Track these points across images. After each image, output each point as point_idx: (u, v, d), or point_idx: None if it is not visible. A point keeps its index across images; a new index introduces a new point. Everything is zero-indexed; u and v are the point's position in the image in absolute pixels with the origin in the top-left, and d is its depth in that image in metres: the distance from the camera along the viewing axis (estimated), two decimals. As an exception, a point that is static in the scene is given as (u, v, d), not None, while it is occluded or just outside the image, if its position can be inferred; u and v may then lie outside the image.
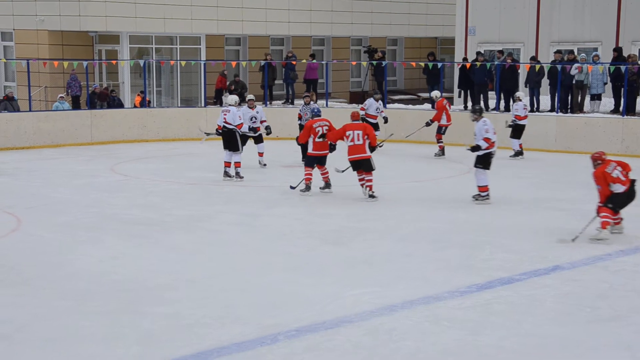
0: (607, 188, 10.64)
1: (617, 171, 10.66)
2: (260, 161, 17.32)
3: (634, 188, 10.73)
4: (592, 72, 20.79)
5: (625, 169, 10.75)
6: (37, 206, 12.96)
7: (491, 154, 13.16)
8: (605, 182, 10.63)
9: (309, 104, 17.66)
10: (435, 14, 34.22)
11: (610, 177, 10.62)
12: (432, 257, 9.90)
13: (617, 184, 10.62)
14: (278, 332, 7.14)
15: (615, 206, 10.70)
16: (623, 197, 10.66)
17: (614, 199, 10.64)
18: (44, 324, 7.38)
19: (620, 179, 10.63)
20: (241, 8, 28.75)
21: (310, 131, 13.92)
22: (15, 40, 27.39)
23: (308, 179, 13.92)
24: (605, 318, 7.67)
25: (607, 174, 10.64)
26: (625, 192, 10.66)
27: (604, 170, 10.66)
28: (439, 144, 19.14)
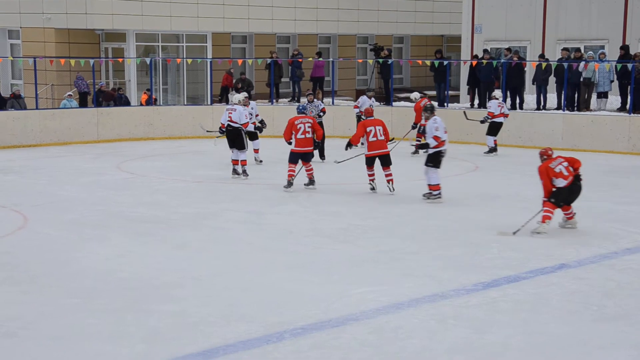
0: (549, 183, 10.87)
1: (561, 166, 10.88)
2: (256, 158, 17.37)
3: (577, 183, 10.92)
4: (599, 70, 20.74)
5: (573, 165, 10.97)
6: (43, 204, 12.98)
7: (441, 152, 13.11)
8: (548, 177, 10.87)
9: (313, 101, 17.68)
10: (441, 12, 34.18)
11: (552, 172, 10.85)
12: (439, 255, 9.89)
13: (560, 178, 10.84)
14: (284, 330, 7.14)
15: (557, 200, 10.87)
16: (565, 191, 10.86)
17: (556, 193, 10.85)
18: (50, 322, 7.39)
19: (562, 174, 10.84)
20: (247, 6, 28.76)
21: (292, 128, 14.06)
22: (22, 38, 27.44)
23: (290, 175, 14.06)
24: (611, 316, 7.66)
25: (550, 169, 10.88)
26: (567, 187, 10.85)
27: (548, 165, 10.91)
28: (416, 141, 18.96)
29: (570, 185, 10.89)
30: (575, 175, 10.94)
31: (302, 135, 14.01)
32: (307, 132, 14.04)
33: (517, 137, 20.66)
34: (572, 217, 11.27)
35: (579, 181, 10.97)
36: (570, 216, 11.26)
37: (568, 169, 10.92)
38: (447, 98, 22.96)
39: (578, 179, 10.96)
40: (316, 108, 17.60)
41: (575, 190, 10.98)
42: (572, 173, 10.91)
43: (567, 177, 10.87)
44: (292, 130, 14.06)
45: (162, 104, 26.08)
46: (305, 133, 14.03)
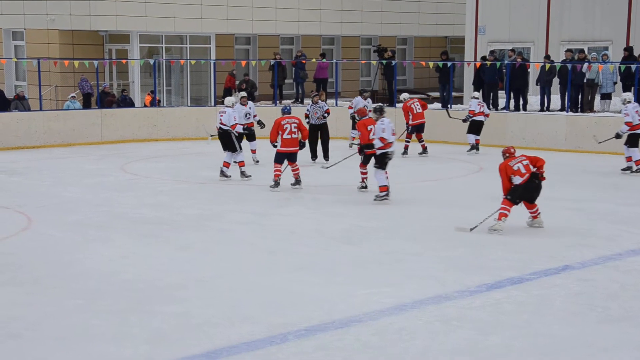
0: (507, 181, 11.02)
1: (519, 164, 11.01)
2: (253, 158, 17.40)
3: (534, 181, 11.02)
4: (603, 71, 20.72)
5: (535, 163, 11.09)
6: (47, 205, 12.99)
7: (387, 154, 13.14)
8: (506, 174, 11.02)
9: (317, 103, 17.70)
10: (445, 13, 34.17)
11: (510, 170, 11.00)
12: (442, 256, 9.88)
13: (517, 176, 10.97)
14: (287, 331, 7.14)
15: (513, 197, 10.99)
16: (519, 189, 10.98)
17: (512, 190, 10.99)
18: (54, 323, 7.40)
19: (520, 172, 10.96)
20: (251, 7, 28.77)
21: (278, 128, 14.12)
22: (26, 40, 27.47)
23: (277, 175, 14.13)
24: (616, 318, 7.65)
25: (508, 167, 11.02)
26: (522, 184, 10.96)
27: (507, 164, 11.06)
28: (405, 142, 19.06)
29: (526, 182, 10.99)
30: (533, 173, 11.05)
31: (288, 136, 14.11)
32: (293, 133, 14.14)
33: (520, 138, 20.62)
34: (537, 217, 11.40)
35: (536, 179, 11.08)
36: (534, 215, 11.39)
37: (527, 167, 11.03)
38: (451, 99, 22.94)
39: (535, 177, 11.08)
40: (320, 109, 17.61)
41: (532, 188, 11.09)
42: (529, 171, 11.03)
43: (524, 174, 10.98)
44: (279, 130, 14.14)
45: (165, 106, 26.11)
46: (292, 133, 14.13)
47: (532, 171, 11.07)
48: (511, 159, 11.14)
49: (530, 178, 11.03)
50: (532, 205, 11.32)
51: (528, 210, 11.37)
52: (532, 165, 11.09)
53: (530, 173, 11.04)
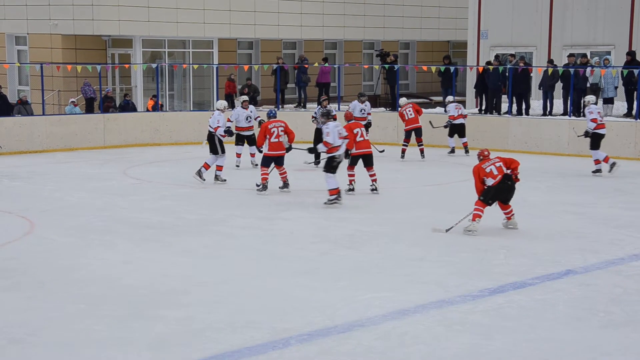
0: (480, 183, 11.22)
1: (492, 166, 11.18)
2: (252, 162, 17.47)
3: (505, 182, 11.16)
4: (605, 76, 20.73)
5: (509, 165, 11.23)
6: (50, 210, 13.00)
7: (334, 158, 13.24)
8: (479, 176, 11.20)
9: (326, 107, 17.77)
10: (447, 18, 34.20)
11: (483, 172, 11.18)
12: (445, 261, 9.88)
13: (489, 178, 11.14)
14: (290, 336, 7.14)
15: (486, 198, 11.17)
16: (492, 190, 11.14)
17: (485, 192, 11.17)
18: (57, 328, 7.40)
19: (492, 173, 11.14)
20: (254, 12, 28.81)
21: (266, 132, 14.22)
22: (29, 45, 27.52)
23: (264, 178, 14.27)
24: (619, 323, 7.64)
25: (481, 169, 11.20)
26: (494, 186, 11.12)
27: (480, 166, 11.24)
28: (402, 146, 19.22)
29: (498, 184, 11.14)
30: (505, 174, 11.16)
31: (275, 139, 14.27)
32: (280, 136, 14.33)
33: (523, 142, 20.65)
34: (511, 218, 11.52)
35: (508, 180, 11.20)
36: (509, 216, 11.52)
37: (500, 168, 11.17)
38: (454, 103, 22.92)
39: (508, 178, 11.19)
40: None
41: (504, 189, 11.22)
42: (502, 172, 11.16)
43: (496, 176, 11.13)
44: (266, 135, 14.24)
45: (168, 110, 26.13)
46: (278, 137, 14.31)
47: (505, 173, 11.20)
48: (485, 162, 11.32)
49: (502, 179, 11.17)
50: (506, 206, 11.45)
51: (502, 211, 11.50)
52: (505, 167, 11.22)
53: (503, 174, 11.18)
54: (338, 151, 13.26)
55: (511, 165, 11.27)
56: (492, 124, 21.45)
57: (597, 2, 24.85)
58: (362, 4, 31.86)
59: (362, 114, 19.73)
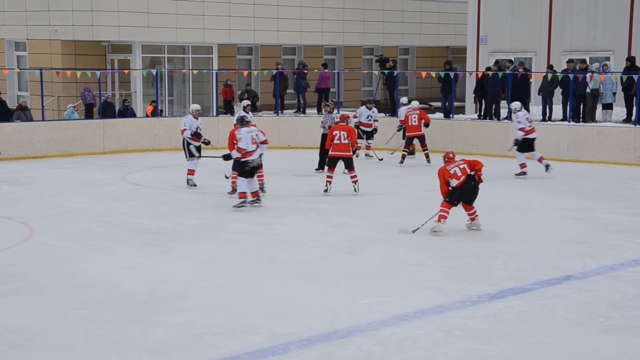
0: (444, 184, 11.49)
1: (456, 168, 11.47)
2: None
3: (469, 182, 11.41)
4: (604, 82, 20.76)
5: (473, 167, 11.50)
6: (49, 215, 13.00)
7: (247, 162, 13.42)
8: (443, 178, 11.49)
9: (332, 112, 17.90)
10: (446, 24, 34.24)
11: (448, 174, 11.46)
12: (444, 266, 9.88)
13: (453, 179, 11.41)
14: (289, 341, 7.14)
15: (450, 199, 11.44)
16: (456, 191, 11.40)
17: (449, 193, 11.45)
18: (56, 333, 7.40)
19: (456, 175, 11.42)
20: (253, 18, 28.84)
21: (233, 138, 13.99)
22: (29, 50, 27.54)
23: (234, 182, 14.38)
24: (618, 328, 7.64)
25: (446, 171, 11.49)
26: (458, 187, 11.39)
27: (445, 168, 11.53)
28: (402, 152, 19.21)
29: (462, 184, 11.39)
30: (468, 175, 11.40)
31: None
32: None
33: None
34: (475, 219, 11.75)
35: (471, 181, 11.45)
36: (472, 217, 11.76)
37: (464, 170, 11.45)
38: (453, 109, 22.95)
39: (471, 179, 11.44)
40: (332, 120, 17.80)
41: (468, 190, 11.47)
42: (465, 173, 11.43)
43: (460, 177, 11.39)
44: (234, 140, 14.15)
45: (167, 115, 26.13)
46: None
47: (468, 174, 11.43)
48: (449, 163, 11.59)
49: (465, 180, 11.40)
50: (470, 207, 11.70)
51: (466, 212, 11.73)
52: (469, 169, 11.48)
53: (466, 175, 11.41)
54: (252, 156, 13.45)
55: (475, 167, 11.54)
56: (492, 129, 21.44)
57: (596, 8, 24.89)
58: (362, 9, 31.90)
59: (368, 120, 19.77)
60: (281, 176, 17.23)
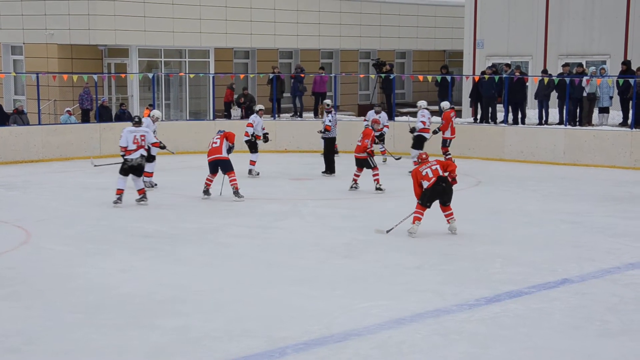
0: (417, 186, 11.65)
1: (428, 169, 11.59)
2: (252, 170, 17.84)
3: (440, 184, 11.52)
4: (601, 85, 20.79)
5: (446, 168, 11.62)
6: (46, 219, 13.00)
7: (126, 161, 13.99)
8: (416, 179, 11.66)
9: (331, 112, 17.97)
10: (443, 27, 34.25)
11: (420, 175, 11.62)
12: (441, 269, 9.89)
13: (425, 180, 11.56)
14: (287, 345, 7.14)
15: (423, 201, 11.58)
16: (427, 192, 11.55)
17: (422, 194, 11.59)
18: (54, 337, 7.39)
19: (427, 176, 11.55)
20: (250, 21, 28.84)
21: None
22: (25, 54, 27.51)
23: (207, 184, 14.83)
24: (615, 332, 7.65)
25: (419, 172, 11.65)
26: (429, 188, 11.52)
27: (418, 169, 11.70)
28: (446, 157, 19.10)
29: (433, 185, 11.51)
30: (439, 176, 11.50)
31: (210, 146, 14.80)
32: (214, 143, 14.72)
33: (519, 151, 20.69)
34: (450, 221, 11.81)
35: (443, 182, 11.54)
36: (448, 219, 11.81)
37: (436, 171, 11.55)
38: (450, 113, 22.96)
39: (442, 180, 11.53)
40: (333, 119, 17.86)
41: (438, 191, 11.55)
42: (437, 174, 11.52)
43: (431, 178, 11.52)
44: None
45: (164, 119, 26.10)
46: (213, 144, 14.73)
47: (440, 175, 11.49)
48: (422, 165, 11.73)
49: (437, 181, 11.48)
50: (447, 208, 11.76)
51: (443, 214, 11.79)
52: (442, 170, 11.56)
53: (437, 176, 11.48)
54: (131, 155, 13.93)
55: (448, 168, 11.66)
56: (488, 133, 21.48)
57: (592, 12, 24.94)
58: (359, 13, 31.90)
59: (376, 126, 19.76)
60: (278, 180, 17.24)
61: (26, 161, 20.17)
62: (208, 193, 14.84)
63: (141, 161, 14.11)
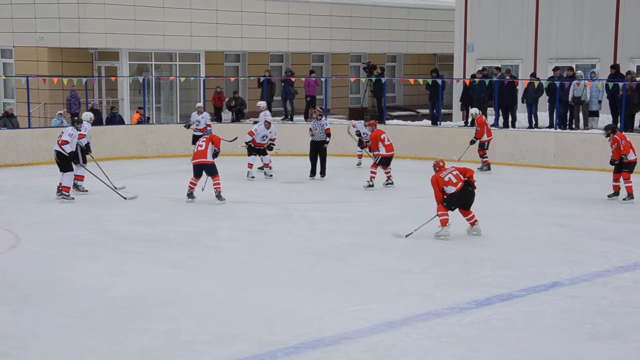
0: (439, 192, 11.72)
1: (450, 175, 11.73)
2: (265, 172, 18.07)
3: (467, 188, 11.69)
4: (591, 89, 20.84)
5: (465, 174, 11.79)
6: (36, 223, 12.95)
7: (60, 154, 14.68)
8: (438, 186, 11.71)
9: (320, 119, 17.98)
10: (434, 31, 34.31)
11: (442, 182, 11.70)
12: (432, 273, 9.89)
13: (449, 186, 11.65)
14: (277, 348, 7.12)
15: (449, 204, 11.68)
16: (455, 196, 11.64)
17: (447, 198, 11.67)
18: (43, 341, 7.36)
19: (451, 181, 11.67)
20: (240, 25, 28.83)
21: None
22: (15, 57, 27.43)
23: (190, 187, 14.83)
24: (605, 335, 7.66)
25: (440, 179, 11.72)
26: (457, 192, 11.64)
27: (438, 175, 11.77)
28: (483, 159, 19.12)
29: (460, 190, 11.65)
30: (466, 181, 11.70)
31: (195, 149, 14.83)
32: (200, 146, 14.72)
33: (509, 155, 20.72)
34: (474, 224, 11.96)
35: (469, 187, 11.72)
36: (472, 222, 11.96)
37: (457, 176, 11.71)
38: (440, 116, 23.02)
39: (468, 184, 11.72)
40: (321, 127, 17.83)
41: (466, 195, 11.73)
42: (461, 180, 11.69)
43: (456, 183, 11.65)
44: None
45: (155, 123, 26.06)
46: (199, 147, 14.72)
47: (464, 179, 11.68)
48: (442, 171, 11.83)
49: (463, 186, 11.67)
50: (468, 212, 11.90)
51: (464, 217, 11.91)
52: (461, 175, 11.72)
53: (463, 182, 11.65)
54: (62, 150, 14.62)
55: (466, 174, 11.79)
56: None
57: (582, 16, 25.03)
58: (349, 17, 31.94)
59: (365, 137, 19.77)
60: (269, 183, 17.23)
61: (16, 164, 20.11)
62: (192, 196, 14.79)
63: (55, 156, 14.82)
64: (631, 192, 14.92)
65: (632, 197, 14.91)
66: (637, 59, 24.09)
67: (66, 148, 14.88)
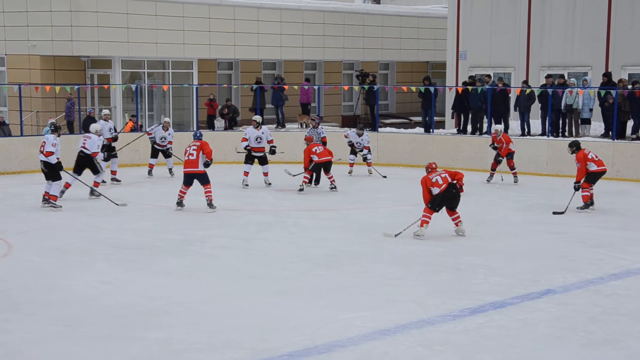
0: (427, 192, 12.19)
1: (438, 177, 12.18)
2: (265, 181, 17.94)
3: (451, 190, 12.11)
4: (583, 97, 20.89)
5: (454, 176, 12.19)
6: (28, 231, 12.91)
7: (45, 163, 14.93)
8: (426, 187, 12.19)
9: (317, 127, 17.98)
10: (426, 39, 34.39)
11: (430, 183, 12.17)
12: (425, 280, 9.89)
13: (435, 187, 12.11)
14: (270, 356, 7.11)
15: (433, 205, 12.14)
16: (438, 197, 12.10)
17: (432, 199, 12.14)
18: (34, 350, 7.33)
19: (437, 183, 12.12)
20: (233, 33, 28.85)
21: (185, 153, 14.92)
22: (7, 65, 27.39)
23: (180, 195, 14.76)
24: (598, 342, 7.66)
25: (428, 180, 12.19)
26: (440, 193, 12.09)
27: (427, 177, 12.24)
28: (513, 171, 18.69)
29: (444, 192, 12.09)
30: (450, 183, 12.11)
31: (186, 157, 14.73)
32: (191, 155, 14.65)
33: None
34: (458, 224, 12.42)
35: (453, 189, 12.15)
36: (456, 222, 12.41)
37: (445, 179, 12.15)
38: (433, 124, 23.05)
39: (452, 187, 12.14)
40: (317, 135, 17.84)
41: (450, 197, 12.15)
42: (447, 182, 12.12)
43: (441, 185, 12.09)
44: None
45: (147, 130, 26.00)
46: (190, 155, 14.65)
47: (450, 182, 12.06)
48: (432, 173, 12.32)
49: (447, 188, 12.11)
50: (453, 213, 12.38)
51: (450, 218, 12.38)
52: (450, 178, 12.18)
53: (448, 184, 12.03)
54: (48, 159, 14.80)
55: (456, 177, 12.24)
56: (472, 143, 21.54)
57: (574, 24, 25.10)
58: (342, 25, 31.99)
59: (359, 147, 19.76)
60: (261, 191, 17.21)
61: (8, 172, 20.05)
62: (181, 205, 14.74)
63: (42, 166, 15.03)
64: (586, 202, 14.87)
65: (587, 207, 14.83)
66: (629, 67, 24.15)
67: (51, 159, 14.91)
